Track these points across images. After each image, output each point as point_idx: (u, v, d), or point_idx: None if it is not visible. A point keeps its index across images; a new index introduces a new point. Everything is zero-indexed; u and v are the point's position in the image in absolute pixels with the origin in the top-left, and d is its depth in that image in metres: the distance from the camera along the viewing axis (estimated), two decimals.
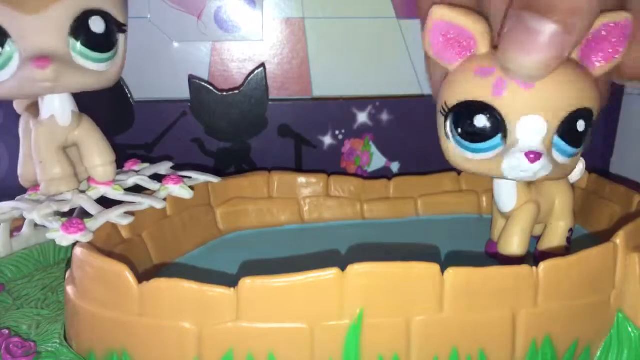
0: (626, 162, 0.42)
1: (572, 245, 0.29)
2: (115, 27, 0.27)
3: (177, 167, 0.33)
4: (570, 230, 0.29)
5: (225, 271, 0.29)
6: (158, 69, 0.40)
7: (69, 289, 0.24)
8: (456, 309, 0.21)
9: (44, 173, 0.27)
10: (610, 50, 0.24)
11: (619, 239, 0.23)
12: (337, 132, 0.41)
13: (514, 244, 0.27)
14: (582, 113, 0.24)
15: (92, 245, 0.24)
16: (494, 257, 0.29)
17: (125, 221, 0.27)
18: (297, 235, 0.35)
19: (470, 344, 0.22)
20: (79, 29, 0.25)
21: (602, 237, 0.25)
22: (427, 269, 0.21)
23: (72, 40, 0.25)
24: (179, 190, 0.31)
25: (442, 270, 0.21)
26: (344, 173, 0.41)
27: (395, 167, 0.43)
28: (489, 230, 0.31)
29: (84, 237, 0.25)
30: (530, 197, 0.27)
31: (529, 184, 0.28)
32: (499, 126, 0.24)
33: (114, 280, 0.22)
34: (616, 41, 0.24)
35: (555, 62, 0.23)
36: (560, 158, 0.25)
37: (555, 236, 0.29)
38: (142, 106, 0.40)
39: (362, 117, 0.42)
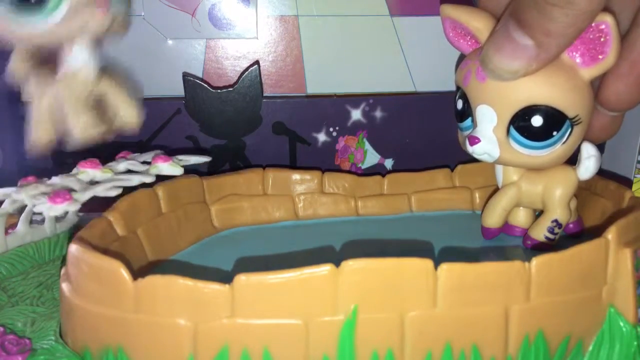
0: (618, 158, 0.42)
1: (565, 241, 0.29)
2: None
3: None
4: (555, 221, 0.30)
5: (220, 268, 0.29)
6: (152, 67, 0.40)
7: (64, 286, 0.24)
8: (449, 304, 0.21)
9: (75, 122, 0.26)
10: (592, 51, 0.25)
11: (611, 234, 0.24)
12: (331, 129, 0.42)
13: (488, 217, 0.31)
14: (538, 109, 0.26)
15: (87, 242, 0.24)
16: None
17: (113, 193, 0.27)
18: (291, 231, 0.35)
19: (463, 339, 0.22)
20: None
21: (594, 232, 0.25)
22: (421, 265, 0.21)
23: None
24: (168, 167, 0.31)
25: (436, 265, 0.21)
26: (338, 170, 0.42)
27: (389, 163, 0.43)
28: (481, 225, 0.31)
29: (71, 207, 0.25)
30: (513, 180, 0.30)
31: (520, 171, 0.30)
32: (468, 110, 0.29)
33: (109, 277, 0.22)
34: (595, 41, 0.25)
35: (523, 72, 0.25)
36: (520, 149, 0.27)
37: (538, 223, 0.31)
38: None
39: (356, 114, 0.42)
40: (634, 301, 0.24)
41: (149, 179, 0.29)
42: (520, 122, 0.27)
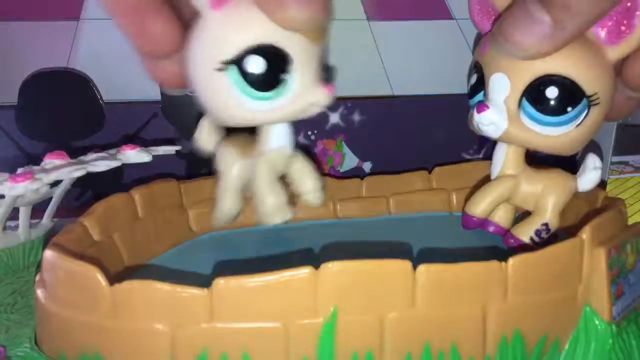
0: None
1: (539, 241, 0.29)
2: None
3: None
4: (546, 225, 0.29)
5: (198, 272, 0.29)
6: (128, 70, 0.39)
7: (39, 292, 0.24)
8: (428, 305, 0.21)
9: (261, 203, 0.27)
10: (618, 27, 0.24)
11: (585, 234, 0.24)
12: (309, 133, 0.42)
13: (474, 205, 0.29)
14: (553, 79, 0.25)
15: (62, 248, 0.24)
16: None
17: (77, 174, 0.27)
18: (270, 235, 0.35)
19: (442, 339, 0.22)
20: None
21: (569, 232, 0.25)
22: (399, 266, 0.21)
23: None
24: (135, 154, 0.31)
25: (414, 266, 0.21)
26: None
27: (367, 167, 0.43)
28: (459, 227, 0.31)
29: (32, 184, 0.25)
30: (512, 172, 0.29)
31: (522, 164, 0.29)
32: (482, 82, 0.27)
33: (84, 282, 0.22)
34: (621, 14, 0.24)
35: (536, 49, 0.24)
36: (531, 124, 0.26)
37: (526, 224, 0.29)
38: (112, 108, 0.40)
39: (334, 118, 0.42)
40: (608, 300, 0.24)
41: (115, 164, 0.29)
42: (534, 93, 0.25)
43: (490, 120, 0.26)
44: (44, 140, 0.40)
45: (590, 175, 0.28)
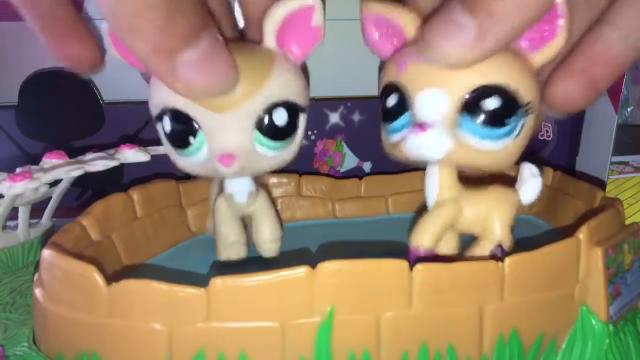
0: (591, 160, 0.43)
1: (537, 241, 0.29)
2: (297, 112, 0.26)
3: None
4: (499, 247, 0.26)
5: (196, 272, 0.29)
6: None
7: (37, 292, 0.24)
8: (425, 305, 0.22)
9: (219, 240, 0.30)
10: (541, 33, 0.23)
11: (582, 234, 0.24)
12: (309, 133, 0.42)
13: (421, 236, 0.26)
14: (493, 89, 0.23)
15: (60, 247, 0.24)
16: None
17: (75, 173, 0.27)
18: None
19: (439, 338, 0.22)
20: (264, 122, 0.25)
21: (566, 232, 0.25)
22: (396, 266, 0.21)
23: (255, 133, 0.25)
24: (134, 154, 0.31)
25: (411, 266, 0.21)
26: (317, 173, 0.42)
27: (367, 167, 0.43)
28: None
29: (31, 184, 0.25)
30: (452, 196, 0.26)
31: (458, 186, 0.26)
32: (404, 103, 0.24)
33: (82, 281, 0.22)
34: (542, 22, 0.22)
35: (461, 57, 0.22)
36: (472, 139, 0.23)
37: (477, 250, 0.26)
38: (112, 108, 0.40)
39: (334, 118, 0.42)
40: (605, 299, 0.24)
41: (113, 163, 0.29)
42: (473, 106, 0.23)
43: (433, 142, 0.23)
44: (44, 140, 0.40)
45: (530, 184, 0.26)
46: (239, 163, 0.24)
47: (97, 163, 0.29)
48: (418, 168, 0.38)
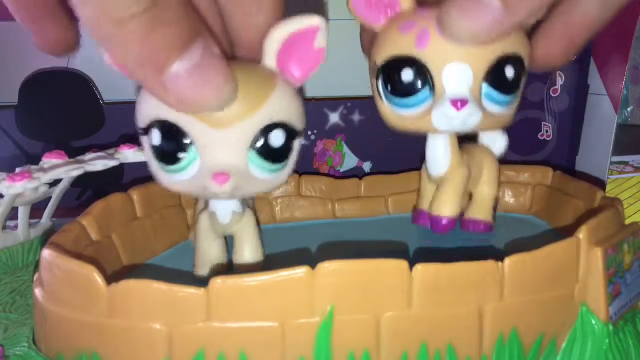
0: (591, 160, 0.43)
1: (536, 241, 0.29)
2: (294, 136, 0.25)
3: None
4: (497, 200, 0.29)
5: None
6: None
7: (37, 292, 0.24)
8: (425, 305, 0.22)
9: (197, 257, 0.28)
10: None
11: (582, 234, 0.24)
12: (309, 133, 0.42)
13: (448, 206, 0.27)
14: (509, 58, 0.25)
15: (60, 248, 0.24)
16: (424, 224, 0.29)
17: (75, 173, 0.27)
18: (269, 234, 0.35)
19: (438, 339, 0.22)
20: (260, 142, 0.23)
21: (567, 232, 0.25)
22: (396, 266, 0.21)
23: (251, 153, 0.23)
24: (133, 154, 0.31)
25: (411, 266, 0.21)
26: (317, 173, 0.42)
27: (367, 167, 0.43)
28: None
29: (31, 184, 0.25)
30: (462, 160, 0.28)
31: (462, 148, 0.28)
32: (425, 78, 0.25)
33: (82, 282, 0.22)
34: None
35: (486, 36, 0.23)
36: (492, 107, 0.25)
37: (484, 203, 0.29)
38: (111, 108, 0.40)
39: (334, 118, 0.42)
40: (605, 299, 0.24)
41: (113, 163, 0.29)
42: (495, 76, 0.25)
43: (469, 115, 0.25)
44: (44, 140, 0.40)
45: (502, 139, 0.29)
46: (233, 183, 0.23)
47: (97, 163, 0.29)
48: (418, 168, 0.39)
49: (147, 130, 0.23)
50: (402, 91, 0.25)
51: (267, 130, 0.23)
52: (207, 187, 0.23)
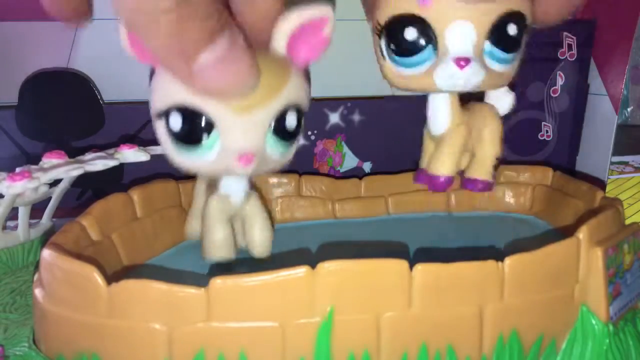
0: (591, 160, 0.43)
1: (536, 241, 0.29)
2: (302, 115, 0.26)
3: None
4: (498, 159, 0.28)
5: (196, 272, 0.29)
6: (128, 70, 0.39)
7: (37, 292, 0.24)
8: (425, 305, 0.22)
9: (207, 238, 0.29)
10: None
11: (582, 233, 0.24)
12: (309, 133, 0.42)
13: (445, 164, 0.27)
14: (511, 16, 0.25)
15: (60, 248, 0.24)
16: (424, 183, 0.29)
17: (75, 173, 0.27)
18: None
19: (438, 338, 0.22)
20: (277, 124, 0.25)
21: (567, 232, 0.25)
22: (396, 266, 0.21)
23: (269, 135, 0.25)
24: (133, 153, 0.31)
25: (411, 266, 0.21)
26: (317, 173, 0.42)
27: (367, 167, 0.43)
28: (457, 228, 0.31)
29: (30, 183, 0.25)
30: (463, 119, 0.28)
31: (464, 107, 0.28)
32: (428, 36, 0.25)
33: (82, 282, 0.22)
34: None
35: None
36: (494, 65, 0.25)
37: (484, 162, 0.28)
38: (112, 108, 0.40)
39: (334, 118, 0.42)
40: (605, 300, 0.24)
41: (113, 163, 0.29)
42: (497, 34, 0.25)
43: (473, 74, 0.25)
44: (44, 140, 0.40)
45: (507, 98, 0.29)
46: (257, 163, 0.24)
47: (97, 163, 0.29)
48: (418, 168, 0.39)
49: (165, 114, 0.24)
50: (405, 50, 0.25)
51: (283, 113, 0.25)
52: (230, 167, 0.24)
